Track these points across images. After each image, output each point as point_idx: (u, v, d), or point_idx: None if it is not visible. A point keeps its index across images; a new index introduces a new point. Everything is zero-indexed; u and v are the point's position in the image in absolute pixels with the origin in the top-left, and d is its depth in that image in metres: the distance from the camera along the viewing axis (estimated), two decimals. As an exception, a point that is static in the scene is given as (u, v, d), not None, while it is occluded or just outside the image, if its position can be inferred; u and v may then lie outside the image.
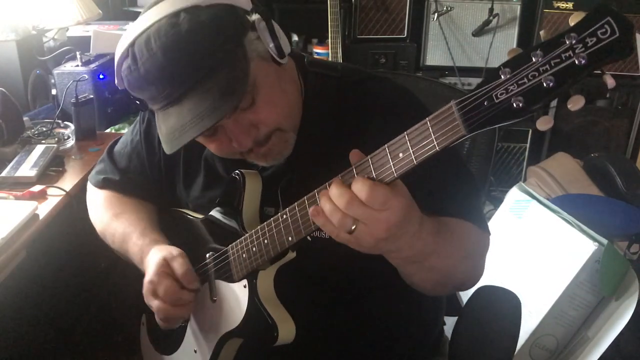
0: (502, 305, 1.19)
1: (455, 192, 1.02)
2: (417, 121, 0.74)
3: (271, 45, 0.94)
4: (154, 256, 1.11)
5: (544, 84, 0.62)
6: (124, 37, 0.95)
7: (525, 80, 0.63)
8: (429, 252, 0.88)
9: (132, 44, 0.92)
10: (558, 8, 3.35)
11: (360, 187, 0.77)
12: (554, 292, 1.92)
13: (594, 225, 1.97)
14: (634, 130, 3.42)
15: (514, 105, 0.64)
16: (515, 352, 1.14)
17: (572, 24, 0.62)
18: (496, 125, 0.67)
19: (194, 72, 0.90)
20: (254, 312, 1.04)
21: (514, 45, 3.38)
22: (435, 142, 0.71)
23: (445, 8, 3.46)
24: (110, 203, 1.30)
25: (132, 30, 0.94)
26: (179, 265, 1.08)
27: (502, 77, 0.65)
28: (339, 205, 0.78)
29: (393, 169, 0.76)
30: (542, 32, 0.65)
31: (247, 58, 0.93)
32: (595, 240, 1.88)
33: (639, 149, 3.40)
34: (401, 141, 0.75)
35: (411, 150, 0.74)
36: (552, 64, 0.62)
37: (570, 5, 3.32)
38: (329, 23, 3.16)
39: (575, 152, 3.09)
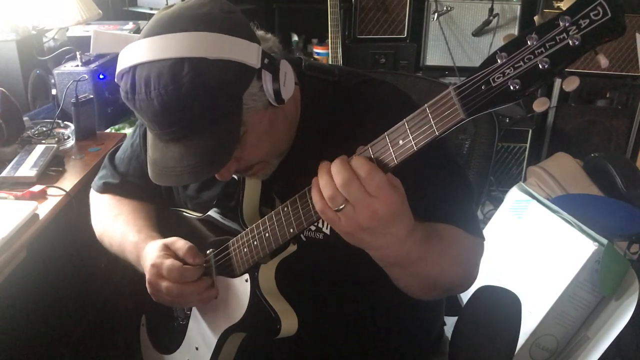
0: (502, 305, 1.19)
1: (448, 197, 1.02)
2: None
3: (272, 95, 0.93)
4: (152, 246, 1.11)
5: (540, 66, 0.64)
6: (131, 47, 0.91)
7: (522, 63, 0.65)
8: (414, 259, 0.88)
9: (135, 67, 0.89)
10: (558, 8, 3.33)
11: (361, 164, 0.77)
12: (554, 292, 1.92)
13: (594, 225, 1.97)
14: (634, 130, 3.42)
15: (511, 87, 0.66)
16: (515, 352, 1.14)
17: (564, 8, 0.63)
18: (494, 109, 0.68)
19: (186, 127, 0.89)
20: (256, 305, 1.04)
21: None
22: (434, 127, 0.72)
23: (445, 8, 3.46)
24: (110, 205, 1.31)
25: (139, 48, 0.89)
26: (181, 245, 1.09)
27: (499, 61, 0.66)
28: (336, 182, 0.78)
29: (393, 156, 0.77)
30: (536, 17, 0.66)
31: (241, 115, 0.92)
32: (595, 240, 1.88)
33: (639, 149, 3.40)
34: (401, 129, 0.76)
35: (411, 137, 0.75)
36: (547, 47, 0.64)
37: (570, 5, 3.33)
38: (329, 23, 3.16)
39: (575, 152, 3.10)
